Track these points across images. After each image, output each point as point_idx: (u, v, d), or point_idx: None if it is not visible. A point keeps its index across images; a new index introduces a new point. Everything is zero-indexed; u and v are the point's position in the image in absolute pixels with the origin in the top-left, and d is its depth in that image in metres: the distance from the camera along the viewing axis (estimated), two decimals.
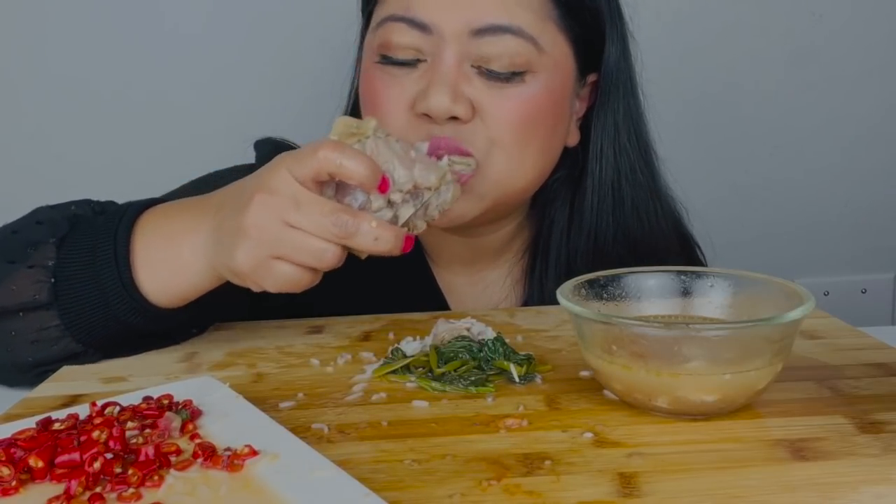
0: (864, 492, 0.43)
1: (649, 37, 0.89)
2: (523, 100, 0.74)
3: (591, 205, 0.83)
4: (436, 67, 0.72)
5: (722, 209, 1.50)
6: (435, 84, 0.72)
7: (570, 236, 0.84)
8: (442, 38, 0.72)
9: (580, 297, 0.58)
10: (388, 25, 0.74)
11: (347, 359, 0.66)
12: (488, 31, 0.72)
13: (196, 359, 0.68)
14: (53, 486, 0.44)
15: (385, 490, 0.43)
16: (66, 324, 0.64)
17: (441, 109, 0.71)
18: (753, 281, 0.60)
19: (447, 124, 0.72)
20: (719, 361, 0.51)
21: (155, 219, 0.66)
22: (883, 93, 1.52)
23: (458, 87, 0.72)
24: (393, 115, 0.74)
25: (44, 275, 0.64)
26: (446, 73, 0.72)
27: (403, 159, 0.60)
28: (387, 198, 0.59)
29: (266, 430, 0.49)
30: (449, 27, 0.72)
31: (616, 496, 0.43)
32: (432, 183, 0.61)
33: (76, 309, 0.64)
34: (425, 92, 0.72)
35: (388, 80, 0.75)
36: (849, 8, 1.48)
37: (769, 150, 1.53)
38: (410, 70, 0.74)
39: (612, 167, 0.83)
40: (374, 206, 0.59)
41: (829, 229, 1.57)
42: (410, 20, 0.73)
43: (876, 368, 0.61)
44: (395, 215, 0.60)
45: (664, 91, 0.91)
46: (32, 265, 0.65)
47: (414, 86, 0.74)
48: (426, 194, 0.61)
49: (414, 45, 0.73)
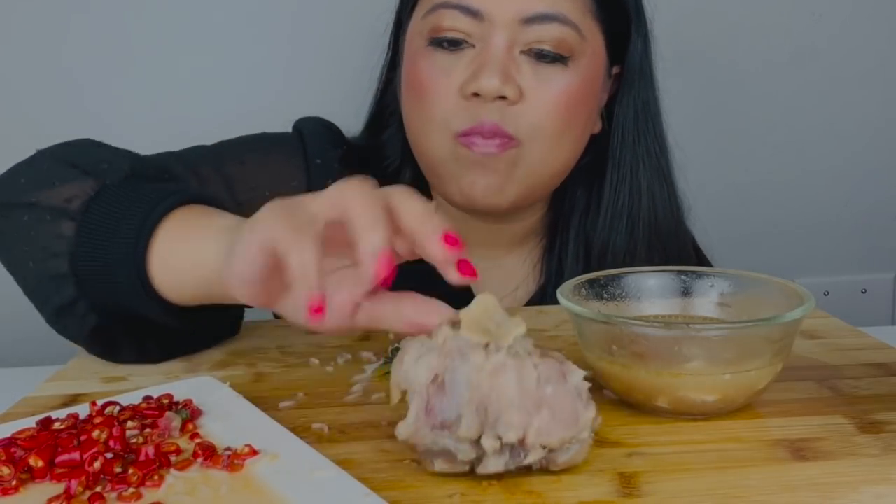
0: (864, 492, 0.43)
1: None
2: (566, 86, 0.78)
3: (609, 192, 0.87)
4: (487, 52, 0.76)
5: (722, 209, 1.50)
6: (487, 65, 0.75)
7: (587, 219, 0.89)
8: (493, 24, 0.76)
9: (580, 297, 0.58)
10: (440, 12, 0.78)
11: (347, 358, 0.66)
12: (536, 20, 0.76)
13: (196, 359, 0.68)
14: (53, 485, 0.44)
15: (385, 490, 0.43)
16: (78, 241, 0.61)
17: (492, 88, 0.75)
18: (753, 281, 0.60)
19: (495, 103, 0.76)
20: (719, 361, 0.51)
21: (194, 211, 0.62)
22: (883, 93, 1.52)
23: (508, 69, 0.76)
24: (442, 98, 0.78)
25: (91, 187, 0.63)
26: (498, 57, 0.76)
27: (520, 398, 0.43)
28: (476, 431, 0.43)
29: (266, 429, 0.49)
30: (500, 15, 0.76)
31: (616, 496, 0.43)
32: None
33: (93, 235, 0.61)
34: (476, 73, 0.76)
35: (437, 66, 0.78)
36: (849, 8, 1.48)
37: (769, 150, 1.52)
38: (459, 56, 0.78)
39: (630, 153, 0.87)
40: (464, 423, 0.43)
41: (829, 229, 1.57)
42: (465, 7, 0.76)
43: (876, 368, 0.61)
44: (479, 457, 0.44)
45: (664, 91, 0.92)
46: (89, 172, 0.64)
47: (463, 71, 0.77)
48: (533, 453, 0.44)
49: (466, 31, 0.77)
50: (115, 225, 0.61)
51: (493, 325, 0.45)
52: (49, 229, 0.62)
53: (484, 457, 0.43)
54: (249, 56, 1.39)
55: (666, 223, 0.89)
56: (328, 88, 1.21)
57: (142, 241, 0.59)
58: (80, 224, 0.61)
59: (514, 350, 0.44)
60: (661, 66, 0.91)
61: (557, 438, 0.43)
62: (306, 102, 0.97)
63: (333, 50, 1.34)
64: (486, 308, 0.46)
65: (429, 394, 0.44)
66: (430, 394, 0.44)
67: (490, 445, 0.43)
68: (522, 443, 0.43)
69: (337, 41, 1.34)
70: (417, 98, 0.80)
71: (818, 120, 1.52)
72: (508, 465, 0.43)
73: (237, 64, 1.39)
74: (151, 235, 0.59)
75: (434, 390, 0.44)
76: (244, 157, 0.83)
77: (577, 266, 0.88)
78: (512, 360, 0.43)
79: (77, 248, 0.61)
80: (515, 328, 0.45)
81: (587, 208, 0.89)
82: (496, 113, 0.76)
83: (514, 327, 0.45)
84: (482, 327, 0.45)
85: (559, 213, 0.90)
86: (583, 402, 0.45)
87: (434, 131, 0.79)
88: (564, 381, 0.44)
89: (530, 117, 0.77)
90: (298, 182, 0.84)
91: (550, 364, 0.44)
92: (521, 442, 0.43)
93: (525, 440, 0.43)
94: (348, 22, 1.26)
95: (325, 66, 1.36)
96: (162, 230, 0.60)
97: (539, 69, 0.77)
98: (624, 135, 0.87)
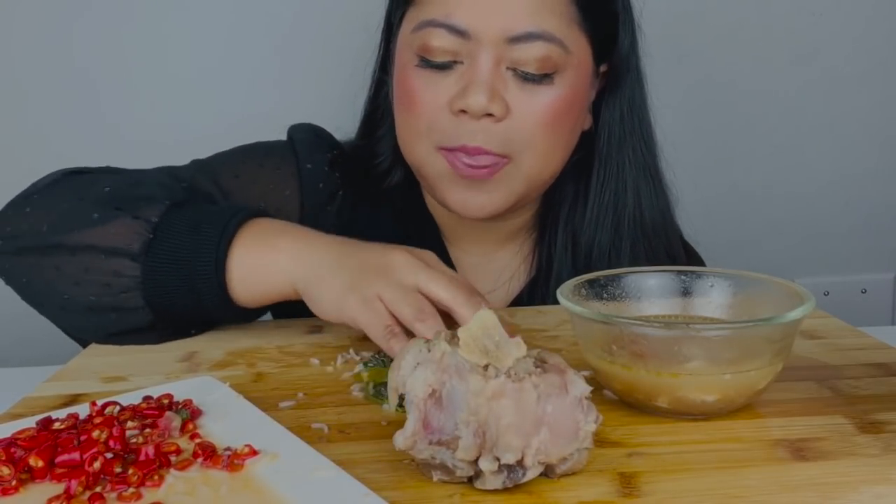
0: (864, 492, 0.43)
1: (650, 36, 0.89)
2: (553, 99, 0.78)
3: (595, 189, 0.88)
4: (474, 69, 0.77)
5: (722, 209, 1.50)
6: (474, 84, 0.76)
7: (576, 214, 0.89)
8: (480, 43, 0.76)
9: (580, 297, 0.58)
10: (428, 30, 0.78)
11: (347, 358, 0.66)
12: (522, 39, 0.76)
13: (196, 358, 0.68)
14: (53, 485, 0.44)
15: (385, 490, 0.43)
16: (144, 277, 0.68)
17: (479, 106, 0.75)
18: (753, 281, 0.60)
19: (482, 120, 0.77)
20: (719, 361, 0.51)
21: (261, 226, 0.70)
22: (883, 93, 1.52)
23: (495, 87, 0.76)
24: (430, 112, 0.78)
25: (145, 228, 0.69)
26: (484, 75, 0.76)
27: (518, 421, 0.42)
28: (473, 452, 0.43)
29: (266, 429, 0.49)
30: (487, 34, 0.76)
31: (616, 496, 0.43)
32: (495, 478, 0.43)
33: (160, 268, 0.68)
34: (464, 91, 0.76)
35: (426, 82, 0.79)
36: (849, 7, 1.48)
37: (769, 150, 1.52)
38: (447, 73, 0.78)
39: (616, 151, 0.88)
40: (462, 444, 0.43)
41: (829, 229, 1.57)
42: (451, 26, 0.76)
43: (876, 368, 0.61)
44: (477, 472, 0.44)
45: (664, 91, 0.92)
46: (138, 216, 0.69)
47: (452, 87, 0.78)
48: (532, 471, 0.43)
49: (453, 49, 0.77)
50: (191, 241, 0.68)
51: (492, 346, 0.44)
52: (107, 266, 0.68)
53: (482, 474, 0.43)
54: (250, 58, 1.39)
55: (652, 220, 0.89)
56: (326, 90, 1.21)
57: (220, 271, 0.68)
58: (143, 265, 0.68)
59: (513, 372, 0.43)
60: (661, 66, 0.91)
61: (557, 456, 0.44)
62: (306, 104, 0.97)
63: (330, 51, 1.34)
64: (486, 327, 0.45)
65: (426, 408, 0.44)
66: (428, 408, 0.44)
67: (488, 467, 0.42)
68: (521, 462, 0.43)
69: (333, 42, 1.34)
70: (406, 109, 0.81)
71: (818, 120, 1.52)
72: (506, 483, 0.43)
73: (237, 67, 1.39)
74: (226, 266, 0.68)
75: (432, 405, 0.44)
76: (238, 170, 0.85)
77: (566, 258, 0.89)
78: (511, 383, 0.43)
79: (146, 283, 0.68)
80: (515, 350, 0.44)
81: (575, 203, 0.90)
82: (480, 134, 0.77)
83: (513, 349, 0.44)
84: (481, 347, 0.44)
85: (549, 207, 0.91)
86: (584, 411, 0.44)
87: (421, 144, 0.80)
88: (566, 393, 0.44)
89: (519, 132, 0.78)
90: (291, 191, 0.86)
91: (551, 379, 0.44)
92: (520, 462, 0.43)
93: (524, 460, 0.43)
94: (344, 22, 1.26)
95: (323, 65, 1.36)
96: (236, 256, 0.68)
97: (525, 84, 0.78)
98: (610, 133, 0.87)
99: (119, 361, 0.68)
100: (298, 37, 1.39)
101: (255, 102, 1.38)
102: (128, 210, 0.70)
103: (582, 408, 0.44)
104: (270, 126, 0.91)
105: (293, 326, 0.76)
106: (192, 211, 0.71)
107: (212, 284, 0.68)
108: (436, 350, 0.45)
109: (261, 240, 0.69)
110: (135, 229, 0.68)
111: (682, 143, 0.94)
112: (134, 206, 0.70)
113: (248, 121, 0.98)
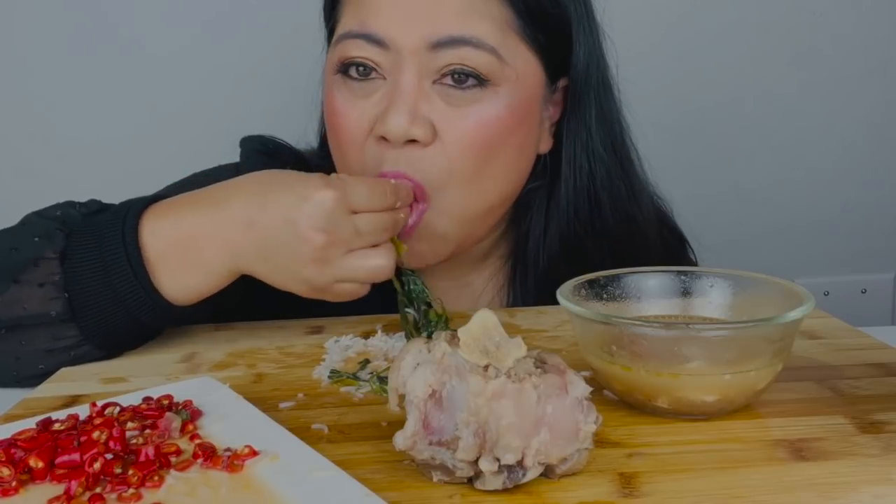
0: (864, 492, 0.43)
1: (650, 37, 0.88)
2: (483, 120, 0.71)
3: (565, 211, 0.81)
4: (395, 87, 0.70)
5: (722, 209, 1.50)
6: (393, 105, 0.70)
7: (546, 243, 0.82)
8: (400, 54, 0.70)
9: (580, 297, 0.58)
10: (345, 43, 0.72)
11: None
12: (446, 44, 0.69)
13: (196, 359, 0.68)
14: (53, 486, 0.44)
15: (385, 490, 0.43)
16: (87, 334, 0.65)
17: (399, 132, 0.69)
18: (753, 281, 0.60)
19: (405, 148, 0.70)
20: (719, 361, 0.51)
21: (161, 220, 0.65)
22: (883, 93, 1.52)
23: (418, 107, 0.70)
24: (354, 141, 0.73)
25: (55, 291, 0.65)
26: (405, 93, 0.70)
27: (518, 419, 0.42)
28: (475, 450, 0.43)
29: (266, 430, 0.49)
30: (406, 42, 0.70)
31: (616, 496, 0.43)
32: None
33: (95, 318, 0.65)
34: (384, 114, 0.70)
35: (349, 101, 0.73)
36: (849, 7, 1.48)
37: (769, 150, 1.53)
38: (370, 90, 0.72)
39: (585, 173, 0.80)
40: (462, 445, 0.43)
41: (829, 229, 1.57)
42: (367, 36, 0.71)
43: (876, 368, 0.61)
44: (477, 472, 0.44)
45: (664, 91, 0.91)
46: (42, 283, 0.65)
47: (374, 108, 0.72)
48: (532, 471, 0.43)
49: (372, 60, 0.71)
50: (104, 279, 0.64)
51: (492, 346, 0.45)
52: (44, 335, 0.65)
53: (482, 475, 0.43)
54: (234, 62, 1.39)
55: (636, 243, 0.82)
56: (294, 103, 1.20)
57: (140, 273, 0.64)
58: (77, 324, 0.65)
59: (513, 372, 0.43)
60: (661, 66, 0.90)
61: (557, 456, 0.44)
62: (286, 107, 0.94)
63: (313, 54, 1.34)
64: (486, 327, 0.45)
65: (426, 408, 0.44)
66: (428, 409, 0.44)
67: (488, 467, 0.42)
68: (521, 463, 0.43)
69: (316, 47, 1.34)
70: (334, 135, 0.76)
71: (818, 120, 1.52)
72: (507, 484, 0.43)
73: (219, 70, 1.39)
74: (147, 272, 0.64)
75: (432, 405, 0.44)
76: None
77: (539, 292, 0.83)
78: (511, 384, 0.43)
79: (87, 333, 0.66)
80: (515, 350, 0.44)
81: (545, 232, 0.82)
82: (406, 157, 0.70)
83: (513, 349, 0.44)
84: (481, 347, 0.44)
85: (520, 235, 0.84)
86: (584, 411, 0.44)
87: (351, 173, 0.74)
88: (566, 394, 0.44)
89: (442, 161, 0.71)
90: None
91: (551, 380, 0.44)
92: (520, 462, 0.43)
93: (524, 461, 0.43)
94: None
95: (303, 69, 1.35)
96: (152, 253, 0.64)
97: (452, 101, 0.70)
98: (576, 153, 0.80)
99: (119, 362, 0.68)
100: (272, 38, 1.38)
101: (249, 106, 1.38)
102: (26, 280, 0.65)
103: (582, 408, 0.44)
104: (256, 130, 0.90)
105: (293, 327, 0.76)
106: (83, 244, 0.65)
107: (143, 302, 0.64)
108: (436, 350, 0.45)
109: (170, 235, 0.64)
110: (47, 296, 0.64)
111: (682, 144, 0.94)
112: (28, 272, 0.65)
113: (243, 125, 0.97)
